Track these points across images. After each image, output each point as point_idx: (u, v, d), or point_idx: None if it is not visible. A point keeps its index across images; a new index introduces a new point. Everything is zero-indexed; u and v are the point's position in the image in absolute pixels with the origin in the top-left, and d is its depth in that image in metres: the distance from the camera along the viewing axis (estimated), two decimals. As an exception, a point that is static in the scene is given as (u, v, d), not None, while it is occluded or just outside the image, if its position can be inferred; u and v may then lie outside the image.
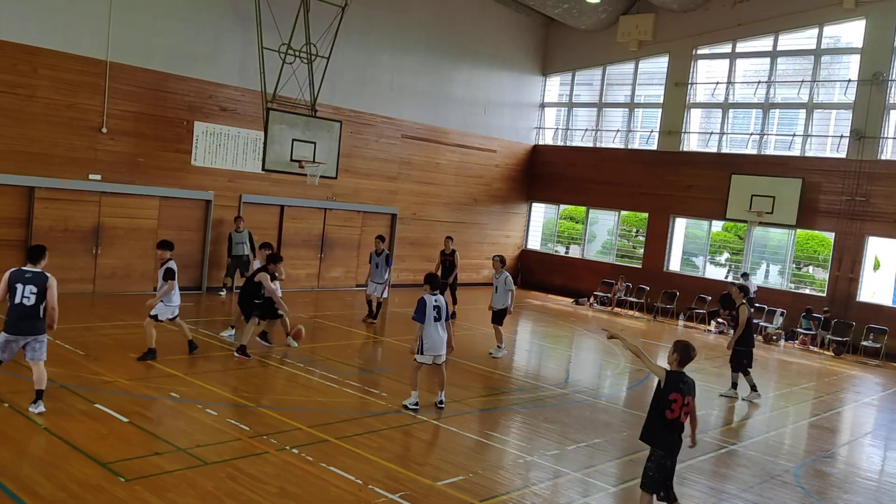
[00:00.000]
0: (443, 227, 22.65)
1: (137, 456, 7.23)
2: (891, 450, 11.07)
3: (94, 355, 10.79)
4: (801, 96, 20.57)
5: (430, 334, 9.64)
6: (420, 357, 9.70)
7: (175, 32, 16.38)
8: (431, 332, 9.64)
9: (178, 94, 16.59)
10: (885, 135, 19.04)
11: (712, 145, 22.08)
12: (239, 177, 17.81)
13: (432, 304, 9.66)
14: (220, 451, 7.60)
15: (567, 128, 25.58)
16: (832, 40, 21.15)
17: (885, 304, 18.94)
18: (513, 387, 11.85)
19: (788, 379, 15.15)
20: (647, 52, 23.18)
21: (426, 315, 9.61)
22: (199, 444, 7.68)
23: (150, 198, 16.44)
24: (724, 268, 22.89)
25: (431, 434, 9.04)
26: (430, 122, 22.05)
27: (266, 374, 11.04)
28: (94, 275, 15.74)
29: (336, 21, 17.08)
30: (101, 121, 15.49)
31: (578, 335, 17.64)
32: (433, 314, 9.63)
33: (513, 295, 13.92)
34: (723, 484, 8.36)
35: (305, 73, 17.10)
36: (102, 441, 7.53)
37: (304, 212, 19.27)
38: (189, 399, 9.20)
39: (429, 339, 9.64)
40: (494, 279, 14.04)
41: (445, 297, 14.89)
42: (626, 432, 9.89)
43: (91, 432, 7.73)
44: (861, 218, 18.97)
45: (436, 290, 9.88)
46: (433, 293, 9.78)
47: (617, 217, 24.27)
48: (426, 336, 9.63)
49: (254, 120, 17.42)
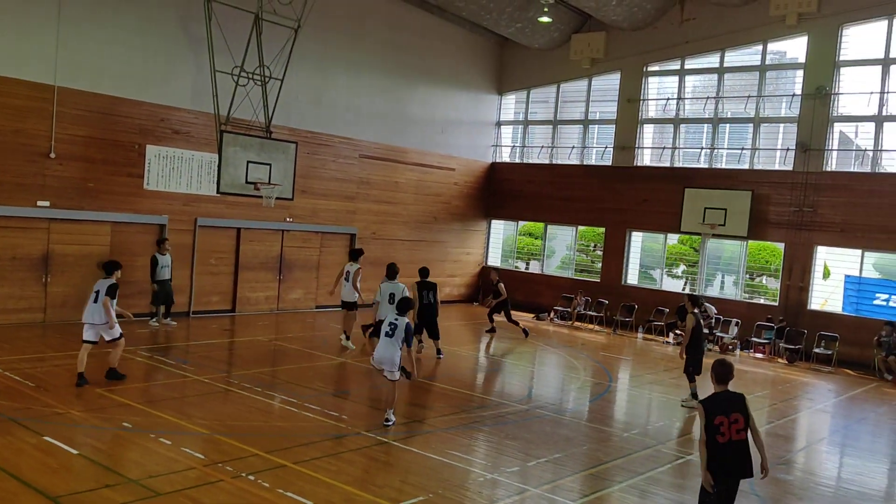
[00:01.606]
0: (403, 246, 22.67)
1: (88, 489, 7.05)
2: (846, 456, 11.31)
3: (45, 387, 10.52)
4: (749, 111, 21.11)
5: (377, 347, 10.22)
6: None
7: (125, 56, 16.19)
8: (379, 346, 10.18)
9: (130, 117, 16.38)
10: (830, 147, 19.60)
11: (665, 160, 22.49)
12: (194, 200, 17.60)
13: (388, 322, 10.12)
14: (172, 481, 7.45)
15: (524, 145, 25.85)
16: (777, 56, 21.78)
17: (836, 312, 19.40)
18: (474, 405, 11.84)
19: (744, 388, 15.31)
20: (600, 69, 23.58)
21: (380, 331, 10.26)
22: (151, 475, 7.52)
23: (102, 223, 16.14)
24: (680, 280, 23.25)
25: (391, 455, 8.98)
26: (388, 142, 22.10)
27: (224, 400, 10.86)
28: (44, 304, 15.36)
29: (289, 43, 17.06)
30: (50, 146, 15.20)
31: (540, 350, 17.72)
32: (386, 329, 10.10)
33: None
34: (681, 495, 8.44)
35: (259, 95, 17.03)
36: (53, 475, 7.34)
37: (262, 234, 19.11)
38: (142, 429, 9.01)
39: (375, 350, 10.29)
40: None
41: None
42: (587, 446, 9.95)
43: (41, 466, 7.52)
44: (809, 228, 19.47)
45: (403, 313, 10.23)
46: (399, 314, 10.19)
47: (575, 232, 24.52)
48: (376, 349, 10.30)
49: (208, 143, 17.27)
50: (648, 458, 9.62)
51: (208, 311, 18.01)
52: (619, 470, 9.05)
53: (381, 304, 13.38)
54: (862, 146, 19.74)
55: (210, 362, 13.08)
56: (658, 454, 9.82)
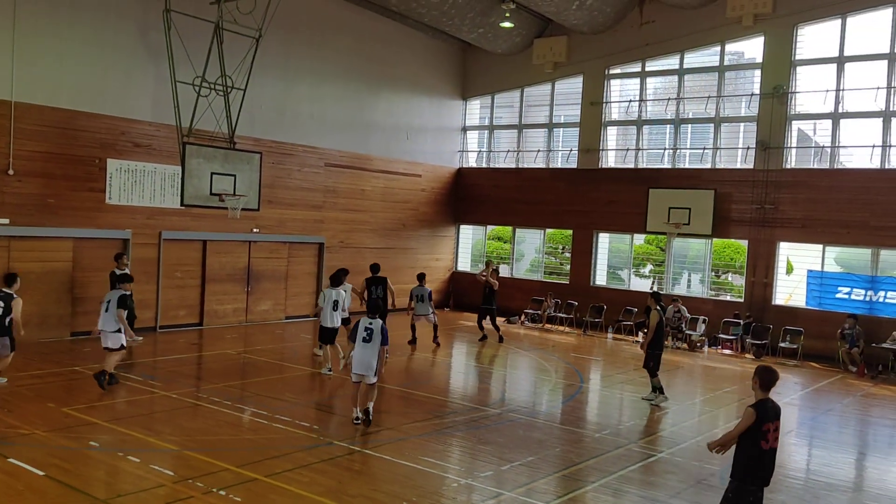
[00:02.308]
0: (371, 254, 22.54)
1: (55, 511, 6.91)
2: (815, 447, 11.50)
3: (8, 407, 10.29)
4: (709, 111, 21.43)
5: (355, 354, 10.30)
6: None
7: (83, 69, 15.95)
8: (357, 353, 10.27)
9: (89, 131, 16.11)
10: (788, 145, 19.98)
11: (629, 161, 22.73)
12: (158, 213, 17.37)
13: (363, 326, 10.27)
14: (141, 499, 7.33)
15: (489, 150, 25.95)
16: (735, 57, 22.16)
17: (800, 306, 19.74)
18: (447, 410, 11.83)
19: (712, 384, 15.59)
20: (563, 73, 23.78)
21: (356, 336, 10.30)
22: (120, 494, 7.39)
23: (64, 239, 15.85)
24: (648, 279, 23.49)
25: (364, 464, 8.94)
26: (354, 150, 22.04)
27: (193, 415, 10.72)
28: (5, 323, 15.01)
29: (251, 52, 16.95)
30: (7, 162, 14.90)
31: (512, 354, 17.77)
32: (363, 334, 10.24)
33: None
34: (652, 491, 8.52)
35: (222, 106, 16.88)
36: (18, 497, 7.18)
37: (228, 245, 18.92)
38: (110, 447, 8.86)
39: (353, 359, 10.33)
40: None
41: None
42: (560, 448, 10.00)
43: (6, 489, 7.36)
44: (771, 225, 19.80)
45: (374, 315, 10.41)
46: (371, 317, 10.36)
47: (542, 235, 24.66)
48: (354, 354, 10.33)
49: (170, 155, 17.06)
50: (620, 457, 9.69)
51: (176, 326, 17.77)
52: (592, 470, 9.11)
53: (325, 310, 13.56)
54: (820, 143, 20.14)
55: (178, 377, 12.90)
56: (630, 453, 9.90)
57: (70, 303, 15.98)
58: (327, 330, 13.69)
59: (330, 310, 13.53)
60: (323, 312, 13.60)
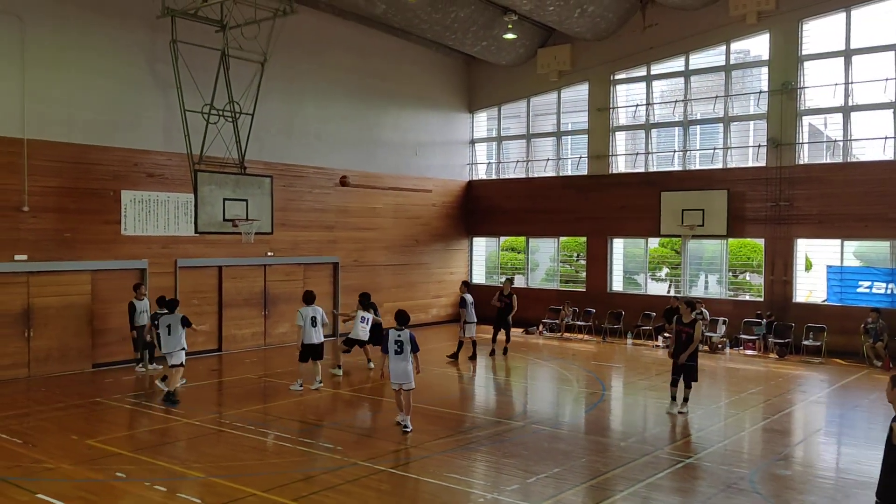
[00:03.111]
0: (386, 271, 22.63)
1: (84, 545, 6.91)
2: (844, 445, 11.35)
3: (32, 442, 10.34)
4: (718, 111, 21.34)
5: (391, 366, 10.86)
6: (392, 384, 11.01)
7: (93, 104, 16.12)
8: (392, 365, 10.85)
9: (102, 164, 16.28)
10: (801, 140, 19.85)
11: (639, 165, 22.66)
12: (173, 242, 17.48)
13: (393, 339, 10.82)
14: (171, 528, 7.33)
15: (499, 161, 25.96)
16: (741, 55, 22.07)
17: (821, 303, 19.53)
18: (470, 425, 11.78)
19: (737, 386, 15.42)
20: (568, 81, 23.78)
21: (388, 348, 10.85)
22: (148, 525, 7.39)
23: (82, 272, 15.97)
24: (664, 283, 23.34)
25: (390, 483, 8.89)
26: (363, 168, 22.10)
27: (217, 441, 10.72)
28: (27, 358, 15.13)
29: (257, 77, 17.08)
30: (22, 199, 15.06)
31: (532, 365, 17.68)
32: (394, 347, 10.80)
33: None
34: (682, 498, 8.42)
35: (231, 132, 17.01)
36: (45, 533, 7.19)
37: (243, 270, 19.00)
38: (136, 477, 8.87)
39: (389, 369, 10.90)
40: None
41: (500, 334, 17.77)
42: (586, 458, 9.91)
43: (33, 525, 7.38)
44: (787, 222, 19.65)
45: (402, 325, 10.89)
46: (399, 328, 10.86)
47: (556, 244, 24.59)
48: (388, 367, 10.89)
49: (183, 183, 17.18)
50: (647, 464, 9.59)
51: (195, 353, 17.76)
52: (619, 479, 9.02)
53: (305, 327, 13.92)
54: (832, 137, 19.99)
55: (200, 404, 12.93)
56: (657, 460, 9.80)
57: (90, 335, 16.08)
58: (312, 346, 13.96)
59: (309, 326, 13.93)
60: (306, 330, 13.90)
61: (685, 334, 12.19)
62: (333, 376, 15.23)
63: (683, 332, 12.21)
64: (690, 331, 12.12)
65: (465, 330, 17.44)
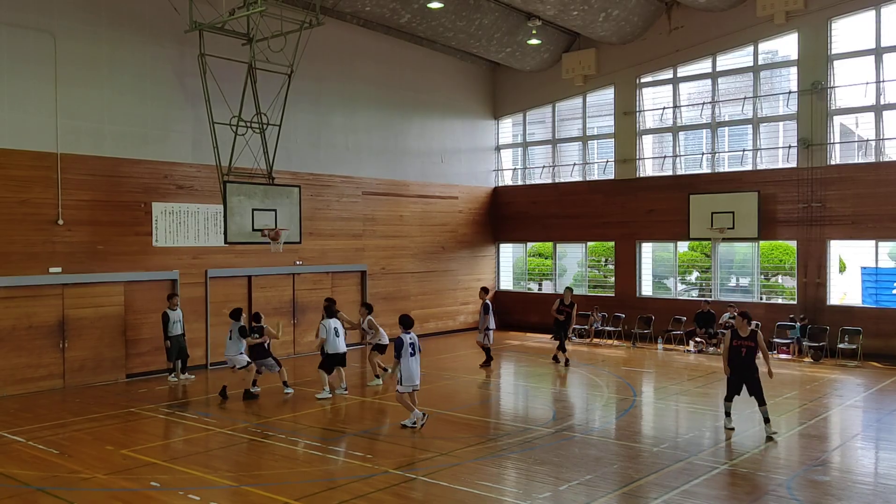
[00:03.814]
0: (413, 279, 22.67)
1: (120, 554, 6.99)
2: (882, 450, 11.10)
3: (68, 452, 10.49)
4: (746, 112, 21.10)
5: (408, 368, 11.37)
6: (401, 388, 11.49)
7: (124, 117, 16.39)
8: (409, 366, 11.37)
9: (133, 177, 16.52)
10: (832, 140, 19.55)
11: (667, 168, 22.47)
12: (203, 252, 17.68)
13: (408, 342, 11.39)
14: (205, 537, 7.38)
15: (525, 167, 25.90)
16: (769, 55, 21.81)
17: (856, 305, 19.19)
18: (500, 432, 11.72)
19: (771, 390, 15.11)
20: (593, 85, 23.68)
21: (403, 352, 11.33)
22: (183, 533, 7.45)
23: (114, 284, 16.21)
24: (694, 286, 23.10)
25: (421, 491, 8.88)
26: (390, 177, 22.19)
27: (248, 450, 10.80)
28: (62, 369, 15.38)
29: (284, 88, 17.24)
30: (57, 213, 15.33)
31: (561, 371, 17.56)
32: (409, 350, 11.37)
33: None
34: (719, 506, 8.29)
35: (259, 143, 17.18)
36: (82, 542, 7.28)
37: (272, 279, 19.14)
38: (170, 486, 8.95)
39: (406, 372, 11.38)
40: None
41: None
42: (618, 465, 9.82)
43: (70, 534, 7.47)
44: (820, 223, 19.34)
45: (409, 328, 11.58)
46: (407, 331, 11.53)
47: (584, 249, 24.45)
48: (404, 369, 11.36)
49: (212, 194, 17.38)
50: (681, 471, 9.47)
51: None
52: (652, 486, 8.91)
53: (329, 337, 14.28)
54: (864, 137, 19.66)
55: (231, 413, 13.04)
56: (691, 466, 9.67)
57: (123, 345, 16.30)
58: (338, 355, 14.38)
59: (332, 336, 14.32)
60: (329, 341, 14.28)
61: (745, 348, 11.49)
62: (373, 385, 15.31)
63: (743, 347, 11.49)
64: (752, 344, 11.46)
65: (486, 336, 17.54)
